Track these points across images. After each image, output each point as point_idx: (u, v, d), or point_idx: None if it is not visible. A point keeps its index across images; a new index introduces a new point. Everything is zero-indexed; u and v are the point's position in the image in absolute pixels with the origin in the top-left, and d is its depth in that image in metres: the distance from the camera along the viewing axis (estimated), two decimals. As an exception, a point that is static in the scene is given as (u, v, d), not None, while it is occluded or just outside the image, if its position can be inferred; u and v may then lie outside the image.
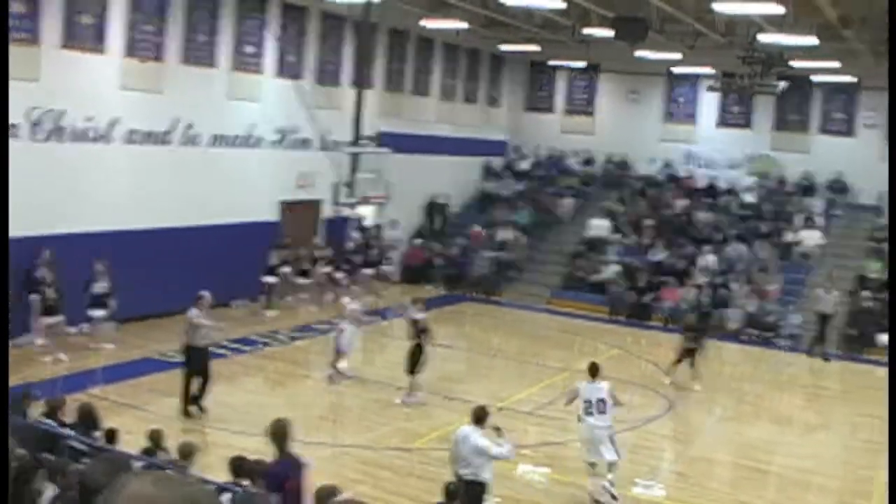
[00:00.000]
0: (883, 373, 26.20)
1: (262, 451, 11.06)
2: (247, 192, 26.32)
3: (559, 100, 39.41)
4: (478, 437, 12.19)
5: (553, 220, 35.73)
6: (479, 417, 12.44)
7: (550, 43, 31.69)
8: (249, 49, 26.20)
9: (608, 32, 24.77)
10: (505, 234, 34.02)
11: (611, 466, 14.54)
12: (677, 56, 31.03)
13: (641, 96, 37.89)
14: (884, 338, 27.78)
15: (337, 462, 15.09)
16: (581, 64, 37.38)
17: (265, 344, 22.92)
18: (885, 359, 26.83)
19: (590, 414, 14.58)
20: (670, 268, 31.53)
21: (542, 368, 22.91)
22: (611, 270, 31.68)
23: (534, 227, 35.08)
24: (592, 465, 14.69)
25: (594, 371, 15.07)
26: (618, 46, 28.29)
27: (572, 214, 35.83)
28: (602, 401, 14.64)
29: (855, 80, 34.02)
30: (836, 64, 29.96)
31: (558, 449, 16.88)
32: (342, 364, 20.11)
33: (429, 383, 19.25)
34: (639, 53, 31.00)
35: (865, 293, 28.97)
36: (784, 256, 32.24)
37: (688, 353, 22.13)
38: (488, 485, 12.21)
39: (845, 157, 34.79)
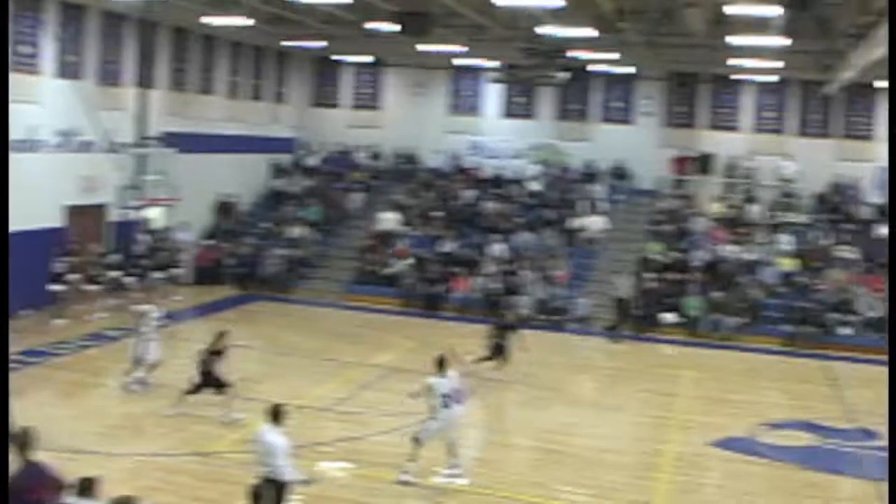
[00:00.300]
0: (669, 349, 27.31)
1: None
2: (28, 198, 25.28)
3: (346, 95, 39.44)
4: (273, 436, 12.10)
5: (343, 215, 35.75)
6: (276, 416, 12.35)
7: (336, 38, 31.63)
8: (26, 49, 25.23)
9: (394, 27, 24.89)
10: (295, 231, 33.81)
11: (453, 448, 15.18)
12: (461, 49, 31.45)
13: (427, 89, 38.29)
14: (668, 316, 28.97)
15: (134, 471, 14.70)
16: (367, 59, 37.51)
17: (54, 354, 22.14)
18: (670, 336, 27.98)
19: (447, 406, 14.97)
20: (460, 258, 31.99)
21: (339, 364, 22.92)
22: (402, 263, 31.89)
23: (324, 222, 35.04)
24: (419, 441, 15.09)
25: (442, 364, 15.30)
26: (403, 41, 28.46)
27: (362, 209, 35.92)
28: (457, 390, 15.14)
29: (632, 70, 35.25)
30: (613, 55, 30.90)
31: (357, 444, 16.89)
32: (139, 373, 19.61)
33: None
34: (423, 47, 31.29)
35: (649, 274, 30.02)
36: (570, 242, 33.14)
37: (497, 351, 22.38)
38: (289, 483, 12.11)
39: (625, 144, 36.12)
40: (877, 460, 17.66)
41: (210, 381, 17.78)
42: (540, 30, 25.59)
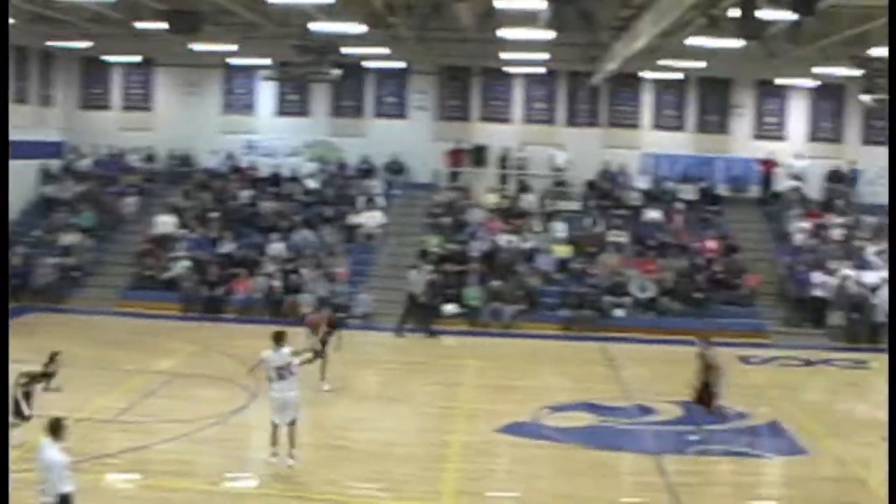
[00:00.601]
0: (451, 340, 27.67)
1: None
2: None
3: (116, 96, 38.31)
4: (52, 452, 11.69)
5: (117, 220, 34.75)
6: (55, 430, 11.93)
7: (103, 37, 30.77)
8: None
9: (162, 25, 24.35)
10: (68, 238, 32.70)
11: (290, 428, 15.69)
12: (233, 48, 31.09)
13: (200, 89, 37.58)
14: (449, 307, 29.35)
15: None
16: (136, 58, 36.56)
17: None
18: (453, 328, 28.36)
19: (283, 378, 15.55)
20: (240, 259, 31.62)
21: (120, 373, 22.31)
22: (180, 266, 31.29)
23: (98, 228, 33.96)
24: (275, 425, 15.66)
25: (279, 339, 15.82)
26: (173, 39, 27.94)
27: (137, 213, 35.02)
28: (288, 365, 15.64)
29: (404, 65, 35.54)
30: (385, 50, 31.12)
31: (143, 453, 16.47)
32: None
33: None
34: (194, 46, 30.76)
35: (428, 267, 30.35)
36: (350, 239, 33.20)
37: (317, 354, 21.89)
38: (70, 497, 11.70)
39: (400, 138, 36.38)
40: (653, 434, 18.45)
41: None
42: (312, 26, 25.53)
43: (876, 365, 27.23)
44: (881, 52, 26.31)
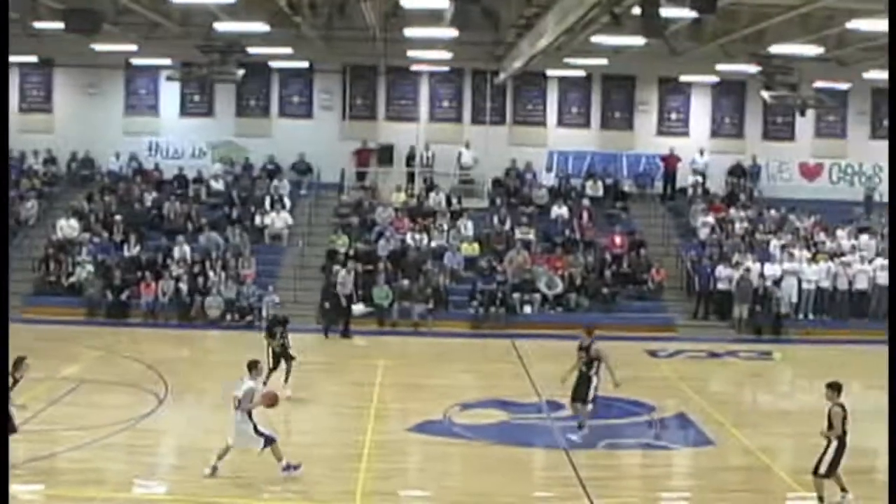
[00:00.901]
0: (361, 340, 27.58)
1: None
2: None
3: (13, 98, 37.42)
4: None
5: (17, 225, 33.99)
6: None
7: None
8: None
9: (59, 25, 23.89)
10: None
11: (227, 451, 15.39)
12: (135, 48, 30.66)
13: (101, 90, 36.87)
14: (359, 307, 29.25)
15: None
16: (33, 59, 35.79)
17: None
18: (363, 328, 28.26)
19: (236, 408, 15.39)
20: (145, 262, 31.17)
21: (24, 381, 21.76)
22: (84, 271, 30.76)
23: (-3, 233, 33.26)
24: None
25: (249, 368, 15.81)
26: (72, 39, 27.43)
27: (38, 217, 34.29)
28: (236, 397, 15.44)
29: (309, 64, 35.33)
30: (290, 49, 30.93)
31: (50, 462, 16.15)
32: None
33: None
34: (95, 46, 30.27)
35: (337, 267, 30.22)
36: (257, 240, 32.93)
37: (276, 359, 21.19)
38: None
39: (306, 138, 36.18)
40: (563, 430, 18.54)
41: None
42: (215, 26, 25.28)
43: (779, 356, 27.83)
44: (780, 48, 26.86)
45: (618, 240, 33.19)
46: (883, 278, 30.95)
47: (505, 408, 20.52)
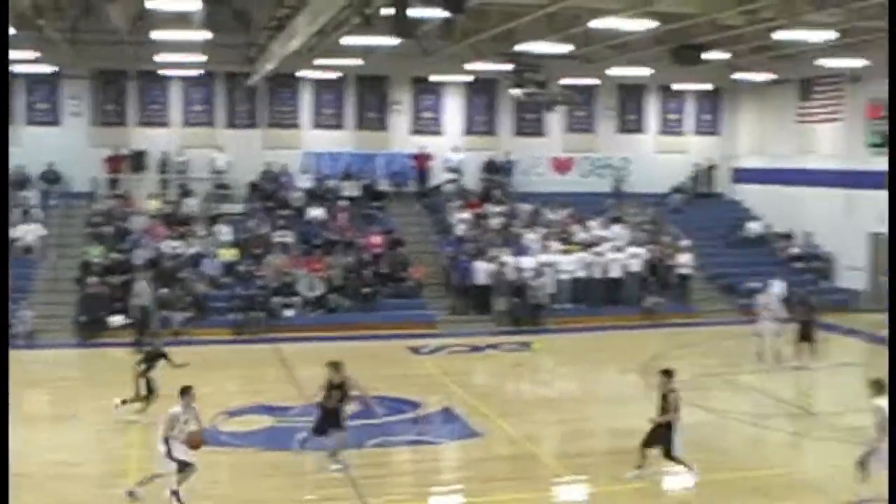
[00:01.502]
0: (120, 353, 26.80)
1: None
2: None
3: None
4: None
5: None
6: None
7: None
8: None
9: None
10: None
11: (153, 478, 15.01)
12: None
13: None
14: (116, 319, 28.55)
15: None
16: None
17: None
18: (120, 339, 27.49)
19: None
20: None
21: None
22: None
23: None
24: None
25: (182, 393, 15.39)
26: None
27: None
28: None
29: (55, 69, 34.14)
30: (35, 54, 29.79)
31: None
32: None
33: None
34: None
35: (92, 279, 29.40)
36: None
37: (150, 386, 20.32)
38: None
39: (54, 146, 34.94)
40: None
41: None
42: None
43: (538, 346, 28.69)
44: (529, 47, 27.73)
45: (376, 239, 33.51)
46: (635, 265, 32.54)
47: (271, 413, 20.49)
